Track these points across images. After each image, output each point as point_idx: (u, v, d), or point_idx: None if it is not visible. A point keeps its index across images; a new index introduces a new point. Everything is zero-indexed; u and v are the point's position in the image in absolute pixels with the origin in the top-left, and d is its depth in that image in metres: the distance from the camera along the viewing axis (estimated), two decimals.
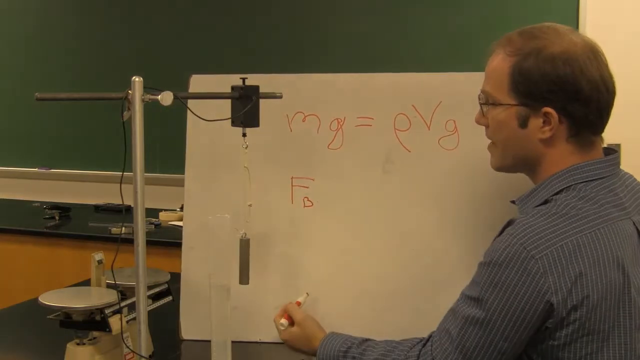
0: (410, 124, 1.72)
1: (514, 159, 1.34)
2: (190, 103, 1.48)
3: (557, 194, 1.25)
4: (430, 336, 1.33)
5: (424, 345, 1.32)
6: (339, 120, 1.74)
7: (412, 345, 1.34)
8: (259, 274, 1.66)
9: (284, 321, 1.61)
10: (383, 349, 1.37)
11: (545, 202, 1.26)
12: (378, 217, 1.70)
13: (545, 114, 1.25)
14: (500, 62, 1.29)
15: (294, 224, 1.73)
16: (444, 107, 1.71)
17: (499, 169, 1.39)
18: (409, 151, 1.72)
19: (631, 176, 1.37)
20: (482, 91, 1.35)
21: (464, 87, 1.70)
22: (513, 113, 1.29)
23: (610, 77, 1.26)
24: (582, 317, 1.17)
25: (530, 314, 1.17)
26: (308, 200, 1.73)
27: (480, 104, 1.37)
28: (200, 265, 1.70)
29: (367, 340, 1.43)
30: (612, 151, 1.31)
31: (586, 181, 1.25)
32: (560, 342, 1.19)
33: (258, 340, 1.72)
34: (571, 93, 1.22)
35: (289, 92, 1.58)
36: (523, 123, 1.28)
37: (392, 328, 1.66)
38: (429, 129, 1.71)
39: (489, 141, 1.40)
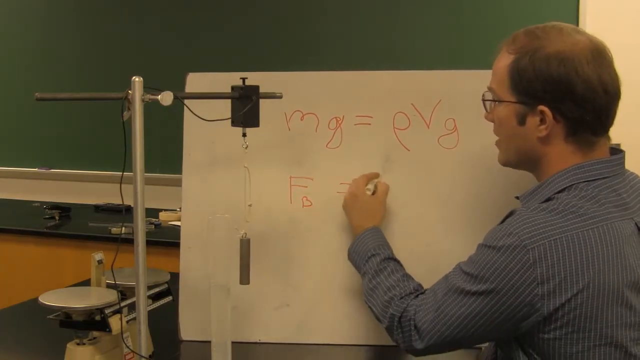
0: (410, 123, 1.72)
1: (516, 156, 1.36)
2: (188, 102, 1.48)
3: (559, 192, 1.27)
4: (424, 291, 1.39)
5: (416, 297, 1.37)
6: (338, 119, 1.74)
7: (410, 290, 1.40)
8: (258, 274, 1.66)
9: (372, 187, 1.64)
10: (393, 281, 1.43)
11: (548, 200, 1.27)
12: None
13: (541, 112, 1.26)
14: (503, 59, 1.32)
15: (293, 224, 1.73)
16: (443, 105, 1.71)
17: (504, 164, 1.41)
18: (409, 150, 1.72)
19: (637, 176, 1.37)
20: (488, 88, 1.37)
21: (463, 85, 1.70)
22: (512, 110, 1.31)
23: (613, 78, 1.26)
24: (570, 313, 1.18)
25: (512, 300, 1.20)
26: (307, 199, 1.73)
27: (483, 101, 1.39)
28: (199, 266, 1.70)
29: (390, 259, 1.50)
30: (618, 151, 1.32)
31: (588, 181, 1.26)
32: (551, 337, 1.20)
33: (258, 341, 1.72)
34: (564, 93, 1.23)
35: (287, 90, 1.58)
36: (521, 121, 1.30)
37: None
38: (429, 128, 1.71)
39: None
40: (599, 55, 1.25)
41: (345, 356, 1.69)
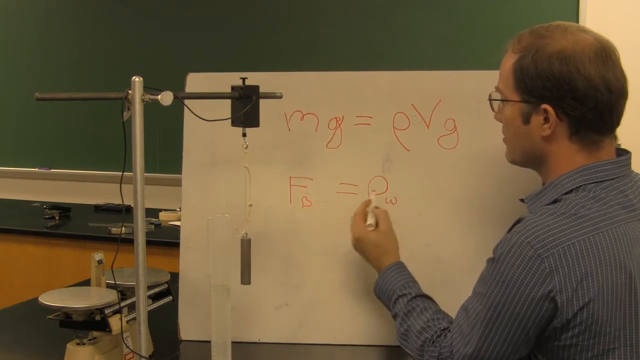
0: (410, 123, 1.72)
1: (522, 155, 1.36)
2: (188, 102, 1.48)
3: (566, 193, 1.26)
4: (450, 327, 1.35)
5: (445, 337, 1.34)
6: (338, 119, 1.74)
7: (441, 330, 1.36)
8: (258, 273, 1.66)
9: (373, 222, 1.58)
10: (423, 322, 1.39)
11: (555, 201, 1.26)
12: None
13: (545, 111, 1.26)
14: (508, 59, 1.32)
15: (293, 224, 1.73)
16: (443, 105, 1.71)
17: (511, 162, 1.40)
18: (408, 150, 1.72)
19: None
20: (495, 88, 1.38)
21: (463, 85, 1.70)
22: (517, 110, 1.31)
23: (617, 77, 1.25)
24: (588, 319, 1.17)
25: (536, 312, 1.18)
26: (307, 199, 1.73)
27: (489, 100, 1.39)
28: (199, 266, 1.70)
29: (418, 297, 1.46)
30: (624, 152, 1.31)
31: (596, 182, 1.25)
32: (566, 344, 1.20)
33: (257, 341, 1.72)
34: (566, 91, 1.23)
35: (287, 90, 1.58)
36: (526, 120, 1.30)
37: (392, 328, 1.66)
38: (428, 128, 1.71)
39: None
40: (604, 53, 1.25)
41: (345, 356, 1.69)
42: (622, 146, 1.32)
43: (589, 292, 1.17)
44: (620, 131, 1.30)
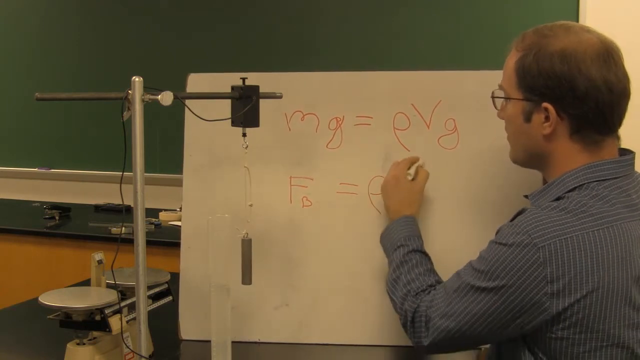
0: (410, 123, 1.72)
1: (524, 154, 1.37)
2: (188, 102, 1.48)
3: (570, 191, 1.27)
4: (437, 286, 1.39)
5: (429, 293, 1.37)
6: (338, 119, 1.74)
7: (426, 287, 1.39)
8: (258, 273, 1.66)
9: (413, 173, 1.62)
10: (414, 275, 1.43)
11: (558, 199, 1.27)
12: (377, 217, 1.70)
13: (545, 110, 1.27)
14: (511, 57, 1.34)
15: (293, 224, 1.73)
16: (443, 105, 1.71)
17: (514, 162, 1.41)
18: (408, 150, 1.72)
19: None
20: (499, 85, 1.39)
21: (463, 85, 1.70)
22: (519, 108, 1.32)
23: (619, 78, 1.25)
24: (579, 313, 1.18)
25: (521, 297, 1.20)
26: (307, 200, 1.73)
27: (492, 98, 1.40)
28: (199, 266, 1.70)
29: (416, 252, 1.48)
30: (628, 152, 1.32)
31: (599, 180, 1.26)
32: (558, 336, 1.20)
33: (257, 341, 1.72)
34: (566, 90, 1.24)
35: (288, 90, 1.58)
36: (527, 118, 1.31)
37: (392, 328, 1.66)
38: (429, 128, 1.71)
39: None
40: (606, 53, 1.25)
41: (345, 356, 1.69)
42: (625, 146, 1.33)
43: (582, 287, 1.18)
44: (622, 132, 1.31)
